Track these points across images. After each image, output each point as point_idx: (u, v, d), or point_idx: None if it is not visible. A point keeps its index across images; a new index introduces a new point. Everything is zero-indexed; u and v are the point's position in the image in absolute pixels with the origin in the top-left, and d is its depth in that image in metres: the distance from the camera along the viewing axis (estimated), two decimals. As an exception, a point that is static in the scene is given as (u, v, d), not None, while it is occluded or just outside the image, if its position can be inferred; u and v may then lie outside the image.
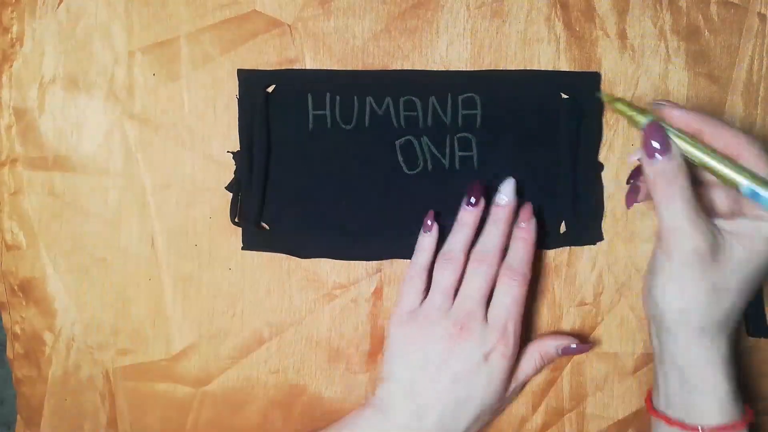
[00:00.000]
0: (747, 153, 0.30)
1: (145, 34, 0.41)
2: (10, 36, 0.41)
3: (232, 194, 0.42)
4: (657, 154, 0.31)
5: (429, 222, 0.41)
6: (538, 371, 0.42)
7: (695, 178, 0.33)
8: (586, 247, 0.43)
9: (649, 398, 0.39)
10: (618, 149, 0.43)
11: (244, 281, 0.43)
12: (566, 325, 0.44)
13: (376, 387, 0.40)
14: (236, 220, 0.42)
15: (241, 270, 0.43)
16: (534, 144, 0.42)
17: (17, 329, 0.44)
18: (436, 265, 0.40)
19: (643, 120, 0.32)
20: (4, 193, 0.42)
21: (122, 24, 0.41)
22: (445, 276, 0.39)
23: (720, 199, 0.34)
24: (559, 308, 0.44)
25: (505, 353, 0.38)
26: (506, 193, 0.40)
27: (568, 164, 0.42)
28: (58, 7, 0.41)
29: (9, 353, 0.45)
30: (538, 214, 0.42)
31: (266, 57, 0.42)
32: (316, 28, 0.42)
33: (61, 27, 0.41)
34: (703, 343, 0.33)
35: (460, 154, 0.42)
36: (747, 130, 0.43)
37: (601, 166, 0.43)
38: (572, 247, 0.43)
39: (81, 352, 0.43)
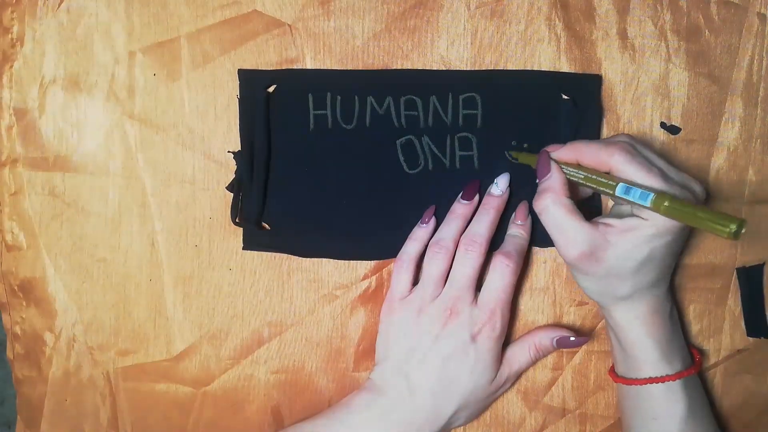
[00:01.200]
0: (614, 162, 0.35)
1: (146, 35, 0.41)
2: (10, 36, 0.41)
3: (232, 194, 0.42)
4: (544, 175, 0.38)
5: (428, 216, 0.42)
6: (533, 362, 0.42)
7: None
8: (587, 247, 0.43)
9: (613, 368, 0.43)
10: (618, 149, 0.43)
11: (244, 281, 0.43)
12: (566, 325, 0.44)
13: (369, 373, 0.42)
14: (237, 220, 0.42)
15: (241, 270, 0.43)
16: (534, 144, 0.42)
17: (17, 330, 0.44)
18: (426, 255, 0.41)
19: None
20: (4, 194, 0.42)
21: (123, 24, 0.41)
22: (434, 265, 0.40)
23: (616, 205, 0.40)
24: (559, 308, 0.44)
25: (491, 335, 0.40)
26: (501, 185, 0.42)
27: (568, 164, 0.42)
28: (58, 8, 0.41)
29: (9, 353, 0.45)
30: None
31: (267, 57, 0.42)
32: (317, 28, 0.42)
33: (62, 27, 0.41)
34: (618, 309, 0.39)
35: (461, 153, 0.42)
36: (747, 129, 0.43)
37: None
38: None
39: (81, 353, 0.43)
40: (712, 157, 0.43)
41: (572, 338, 0.42)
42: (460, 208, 0.41)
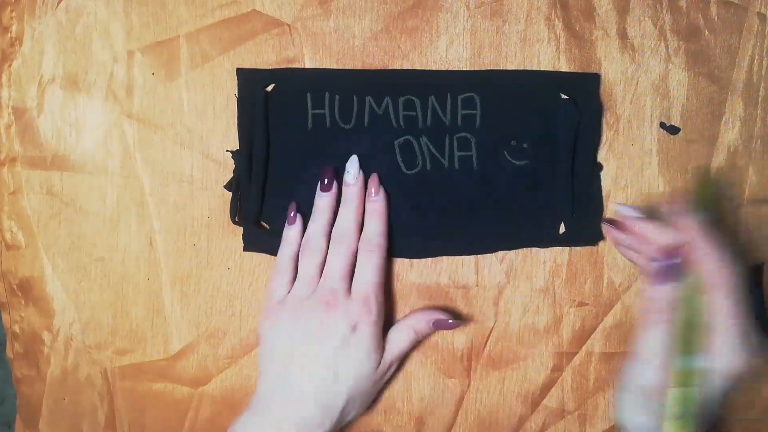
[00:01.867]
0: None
1: (145, 34, 0.41)
2: (9, 35, 0.42)
3: (231, 193, 0.42)
4: (669, 282, 0.36)
5: (292, 214, 0.42)
6: (412, 344, 0.42)
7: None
8: (586, 247, 0.43)
9: None
10: (618, 149, 0.43)
11: (243, 281, 0.43)
12: (566, 325, 0.44)
13: (257, 383, 0.40)
14: (236, 219, 0.42)
15: (239, 270, 0.43)
16: (533, 144, 0.42)
17: (16, 329, 0.44)
18: (299, 255, 0.41)
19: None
20: (3, 193, 0.42)
21: (121, 23, 0.41)
22: (307, 263, 0.40)
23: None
24: (559, 308, 0.44)
25: (369, 321, 0.39)
26: (352, 170, 0.41)
27: (567, 164, 0.42)
28: (57, 7, 0.41)
29: (8, 353, 0.45)
30: (538, 215, 0.42)
31: (266, 56, 0.42)
32: (316, 28, 0.42)
33: (61, 26, 0.41)
34: None
35: (459, 154, 0.42)
36: (747, 129, 0.43)
37: (600, 166, 0.43)
38: (572, 247, 0.43)
39: (79, 352, 0.43)
40: (712, 157, 0.43)
41: (450, 321, 0.41)
42: (321, 202, 0.41)
